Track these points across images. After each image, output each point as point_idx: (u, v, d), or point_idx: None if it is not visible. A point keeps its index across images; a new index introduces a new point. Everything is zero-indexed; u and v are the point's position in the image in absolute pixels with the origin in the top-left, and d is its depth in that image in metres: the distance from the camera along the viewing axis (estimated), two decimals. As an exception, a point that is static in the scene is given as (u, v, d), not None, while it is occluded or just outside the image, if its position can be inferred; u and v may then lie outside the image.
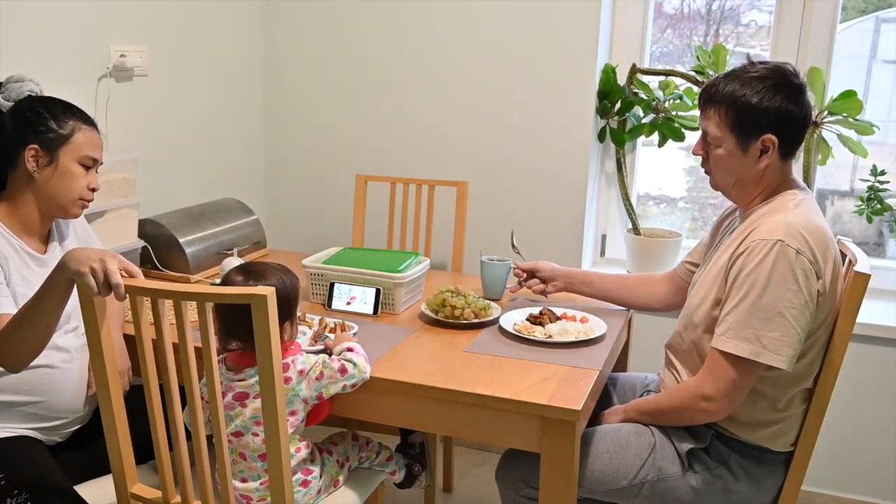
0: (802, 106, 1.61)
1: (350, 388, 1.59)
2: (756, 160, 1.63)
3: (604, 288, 2.08)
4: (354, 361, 1.59)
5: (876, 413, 2.52)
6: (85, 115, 1.72)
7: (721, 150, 1.65)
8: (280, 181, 3.12)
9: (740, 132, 1.62)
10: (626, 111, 2.66)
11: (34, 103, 1.68)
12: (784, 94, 1.59)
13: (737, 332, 1.56)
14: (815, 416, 1.67)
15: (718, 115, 1.63)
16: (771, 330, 1.53)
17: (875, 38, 2.64)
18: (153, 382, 1.42)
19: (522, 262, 2.13)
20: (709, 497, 1.69)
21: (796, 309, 1.53)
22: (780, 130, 1.60)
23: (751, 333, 1.54)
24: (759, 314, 1.53)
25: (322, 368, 1.57)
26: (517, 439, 1.59)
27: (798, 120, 1.61)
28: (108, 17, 2.28)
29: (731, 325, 1.57)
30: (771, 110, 1.59)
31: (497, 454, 2.00)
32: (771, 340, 1.53)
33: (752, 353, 1.54)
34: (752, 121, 1.60)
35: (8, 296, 1.58)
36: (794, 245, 1.53)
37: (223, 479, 1.44)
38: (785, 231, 1.54)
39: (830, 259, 1.58)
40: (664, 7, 2.82)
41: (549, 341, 1.82)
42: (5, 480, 1.53)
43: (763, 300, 1.53)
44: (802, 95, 1.62)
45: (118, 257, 1.39)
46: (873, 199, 2.48)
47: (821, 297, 1.57)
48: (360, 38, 2.89)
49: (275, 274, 1.59)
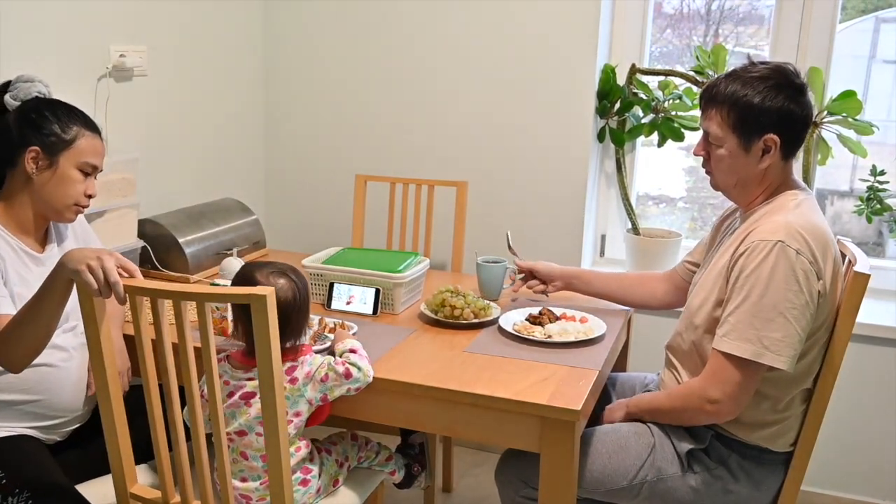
0: (804, 106, 1.62)
1: (354, 391, 1.60)
2: (758, 160, 1.63)
3: (602, 286, 2.08)
4: (359, 365, 1.59)
5: (876, 413, 2.52)
6: (90, 121, 1.72)
7: (723, 150, 1.65)
8: (280, 181, 3.12)
9: (742, 132, 1.62)
10: (625, 111, 2.66)
11: (41, 105, 1.68)
12: (786, 93, 1.59)
13: (739, 334, 1.55)
14: (815, 416, 1.67)
15: (720, 115, 1.63)
16: (773, 331, 1.53)
17: (875, 37, 2.64)
18: (153, 382, 1.42)
19: (521, 261, 2.13)
20: (708, 497, 1.69)
21: (797, 309, 1.53)
22: (782, 130, 1.60)
23: (752, 334, 1.54)
24: (761, 315, 1.53)
25: (327, 370, 1.57)
26: (517, 439, 1.59)
27: (800, 120, 1.61)
28: (108, 17, 2.28)
29: (734, 326, 1.56)
30: (773, 110, 1.59)
31: (496, 454, 2.00)
32: (773, 341, 1.53)
33: (754, 354, 1.54)
34: (755, 120, 1.60)
35: (6, 296, 1.58)
36: (795, 245, 1.53)
37: (222, 478, 1.44)
38: (785, 231, 1.54)
39: (830, 259, 1.58)
40: (664, 7, 2.82)
41: (548, 341, 1.82)
42: (6, 479, 1.53)
43: (764, 301, 1.53)
44: (804, 95, 1.62)
45: (115, 255, 1.39)
46: (873, 199, 2.48)
47: (821, 297, 1.57)
48: (360, 39, 2.89)
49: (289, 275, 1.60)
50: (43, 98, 1.71)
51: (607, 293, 2.08)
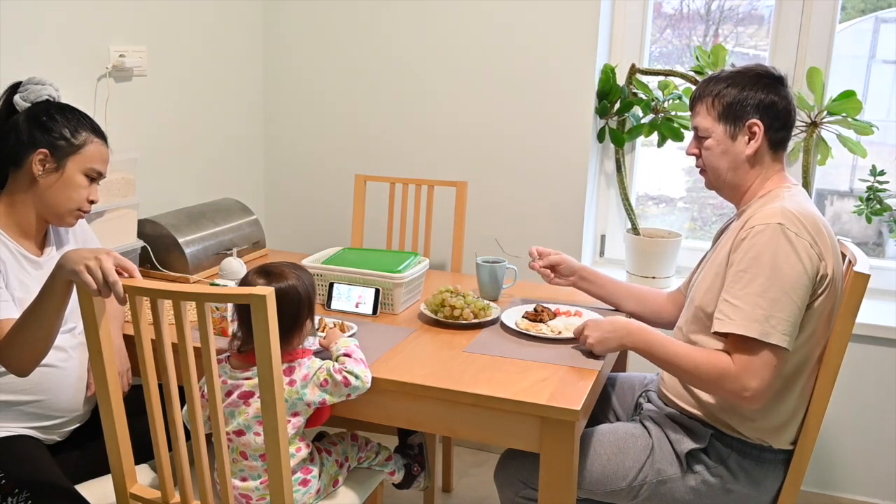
0: (783, 96, 1.70)
1: (353, 397, 1.59)
2: (745, 146, 1.69)
3: (614, 293, 2.07)
4: (356, 373, 1.58)
5: (876, 413, 2.52)
6: (98, 127, 1.73)
7: (711, 141, 1.72)
8: (279, 181, 3.12)
9: (727, 120, 1.70)
10: (625, 111, 2.66)
11: (51, 108, 1.68)
12: (764, 82, 1.69)
13: (747, 314, 1.56)
14: (815, 416, 1.67)
15: (706, 108, 1.72)
16: (779, 310, 1.54)
17: (874, 37, 2.64)
18: (152, 382, 1.42)
19: (542, 248, 2.09)
20: (709, 497, 1.69)
21: (802, 288, 1.55)
22: (764, 116, 1.68)
23: (760, 314, 1.55)
24: (767, 295, 1.55)
25: (326, 376, 1.57)
26: (516, 439, 1.59)
27: (781, 107, 1.69)
28: (108, 17, 2.28)
29: (739, 307, 1.57)
30: (754, 97, 1.68)
31: (496, 454, 2.01)
32: (779, 321, 1.54)
33: (761, 334, 1.54)
34: (738, 107, 1.69)
35: (8, 300, 1.58)
36: (793, 228, 1.56)
37: (222, 477, 1.44)
38: (783, 215, 1.58)
39: (826, 242, 1.60)
40: (663, 7, 2.82)
41: (559, 337, 1.83)
42: (6, 479, 1.53)
43: (769, 281, 1.55)
44: (783, 86, 1.71)
45: (113, 254, 1.39)
46: (873, 200, 2.48)
47: (828, 282, 1.59)
48: (360, 38, 2.89)
49: (293, 274, 1.60)
50: (53, 101, 1.71)
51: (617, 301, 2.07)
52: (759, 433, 1.67)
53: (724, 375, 1.58)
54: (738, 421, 1.67)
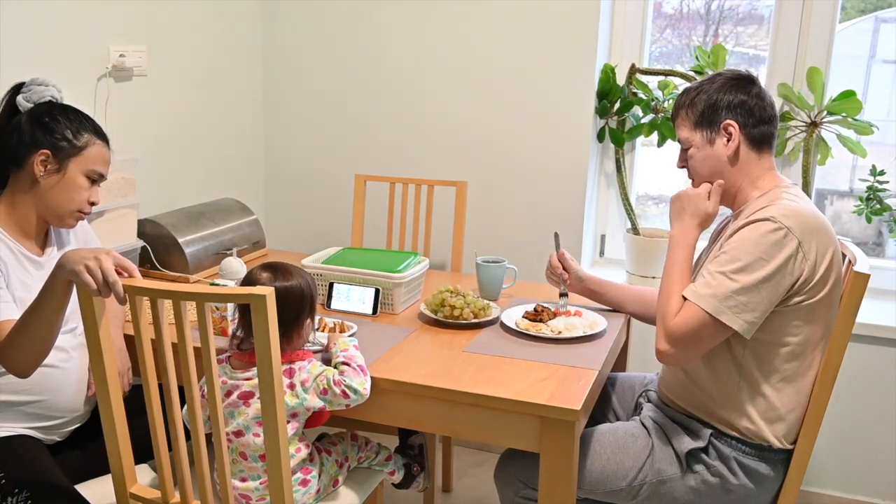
0: (754, 94, 1.72)
1: (352, 406, 1.59)
2: (724, 147, 1.72)
3: (616, 297, 2.07)
4: (355, 388, 1.57)
5: (876, 413, 2.52)
6: (100, 129, 1.73)
7: (693, 149, 1.75)
8: (279, 181, 3.12)
9: (702, 126, 1.74)
10: (625, 111, 2.66)
11: (54, 109, 1.68)
12: (732, 84, 1.72)
13: (706, 288, 1.59)
14: (815, 416, 1.67)
15: (683, 118, 1.77)
16: (740, 293, 1.56)
17: (874, 37, 2.64)
18: (152, 382, 1.42)
19: (564, 252, 2.08)
20: (708, 497, 1.69)
21: (771, 279, 1.56)
22: (737, 115, 1.71)
23: (721, 291, 1.57)
24: (733, 275, 1.57)
25: (326, 385, 1.57)
26: (516, 439, 1.59)
27: (752, 105, 1.71)
28: (108, 17, 2.28)
29: (706, 281, 1.61)
30: (723, 99, 1.71)
31: (496, 454, 2.01)
32: (737, 302, 1.57)
33: (714, 311, 1.58)
34: (711, 111, 1.72)
35: (10, 301, 1.58)
36: (787, 223, 1.57)
37: (222, 478, 1.44)
38: (774, 210, 1.60)
39: (823, 244, 1.60)
40: (663, 7, 2.82)
41: (559, 337, 1.84)
42: (6, 479, 1.53)
43: (739, 263, 1.57)
44: (753, 84, 1.73)
45: (112, 254, 1.39)
46: (872, 200, 2.48)
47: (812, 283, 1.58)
48: (360, 39, 2.89)
49: (297, 273, 1.61)
50: (56, 102, 1.71)
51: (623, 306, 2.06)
52: (759, 433, 1.67)
53: (668, 317, 1.64)
54: (737, 417, 1.67)
